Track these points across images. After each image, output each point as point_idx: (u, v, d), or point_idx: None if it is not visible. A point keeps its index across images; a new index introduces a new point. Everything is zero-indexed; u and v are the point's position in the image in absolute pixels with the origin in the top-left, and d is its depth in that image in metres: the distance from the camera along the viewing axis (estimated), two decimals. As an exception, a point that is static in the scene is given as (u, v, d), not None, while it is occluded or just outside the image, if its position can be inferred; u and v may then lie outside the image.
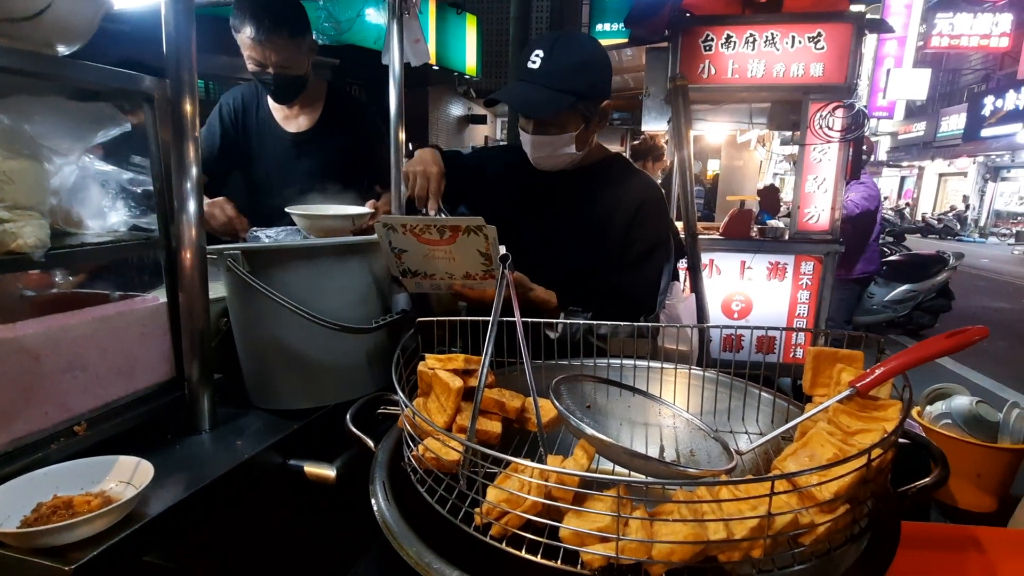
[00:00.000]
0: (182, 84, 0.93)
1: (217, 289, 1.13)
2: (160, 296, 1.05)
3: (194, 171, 0.95)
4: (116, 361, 0.96)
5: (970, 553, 1.10)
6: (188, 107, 0.94)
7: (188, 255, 0.97)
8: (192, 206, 0.96)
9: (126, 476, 0.83)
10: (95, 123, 0.95)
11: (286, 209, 1.44)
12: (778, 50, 3.46)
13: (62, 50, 0.94)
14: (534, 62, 1.29)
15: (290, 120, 2.01)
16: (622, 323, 1.00)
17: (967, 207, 22.78)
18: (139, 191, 1.03)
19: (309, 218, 1.44)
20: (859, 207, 4.14)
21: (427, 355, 0.88)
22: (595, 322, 1.05)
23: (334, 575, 0.96)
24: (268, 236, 1.42)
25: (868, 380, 0.71)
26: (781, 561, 0.58)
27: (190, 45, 0.94)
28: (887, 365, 0.71)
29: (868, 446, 0.57)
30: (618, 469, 0.68)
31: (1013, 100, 14.59)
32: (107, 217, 1.01)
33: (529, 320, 0.92)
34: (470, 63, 10.72)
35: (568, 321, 1.03)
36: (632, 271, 1.45)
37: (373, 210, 1.65)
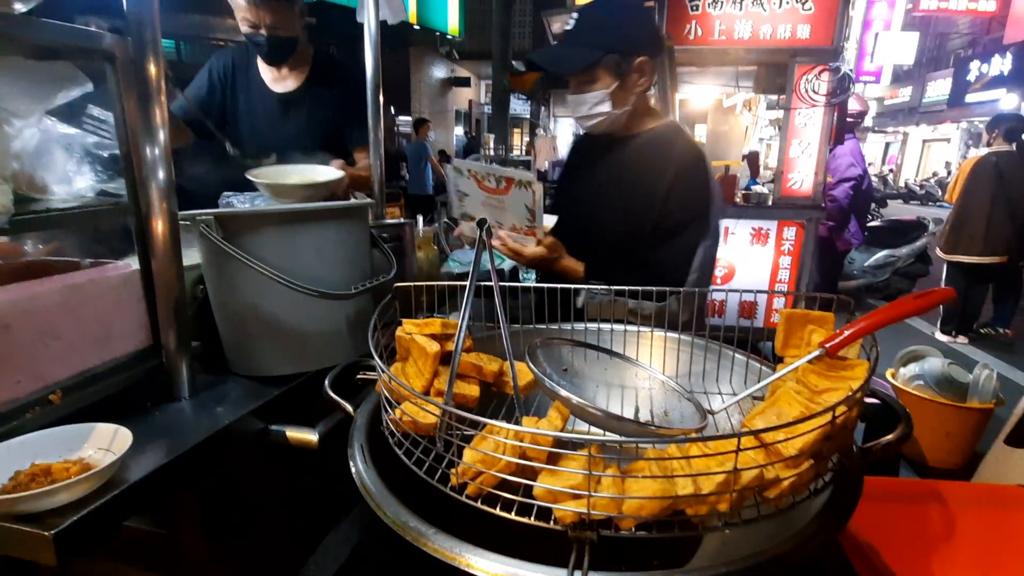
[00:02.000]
0: (145, 43, 0.89)
1: (192, 255, 1.11)
2: (133, 263, 1.03)
3: (161, 134, 0.92)
4: (90, 329, 0.94)
5: (932, 505, 1.15)
6: (152, 67, 0.90)
7: (159, 221, 0.95)
8: (161, 170, 0.94)
9: (105, 443, 0.83)
10: (55, 83, 0.92)
11: (246, 175, 1.42)
12: (765, 11, 3.41)
13: (19, 7, 0.89)
14: (568, 24, 1.35)
15: (278, 81, 2.03)
16: (601, 288, 1.01)
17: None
18: (106, 155, 1.00)
19: (272, 187, 1.40)
20: (845, 183, 4.17)
21: (404, 320, 0.88)
22: (581, 286, 1.05)
23: (318, 536, 0.97)
24: (241, 201, 1.39)
25: (836, 341, 0.72)
26: (747, 514, 0.60)
27: (153, 1, 0.90)
28: (855, 326, 0.73)
29: (832, 404, 0.59)
30: (593, 429, 0.70)
31: (998, 65, 14.58)
32: (73, 182, 0.98)
33: (507, 284, 0.92)
34: (452, 23, 10.38)
35: (553, 287, 1.03)
36: (663, 245, 1.41)
37: (342, 173, 1.65)
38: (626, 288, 1.01)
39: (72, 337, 0.92)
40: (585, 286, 1.14)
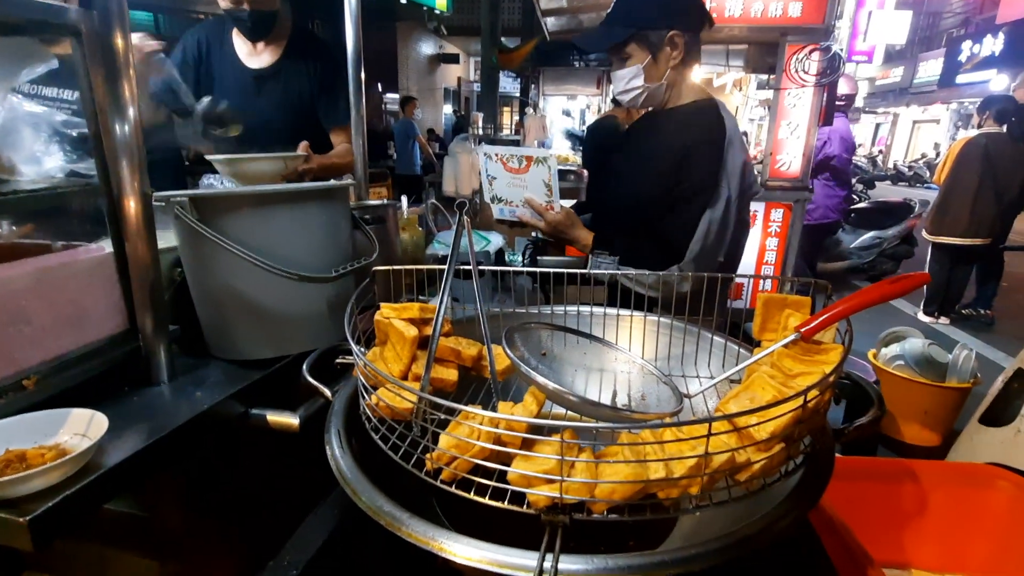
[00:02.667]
0: (111, 15, 0.86)
1: (170, 237, 1.09)
2: (107, 246, 1.01)
3: (131, 111, 0.90)
4: (63, 313, 0.93)
5: (904, 483, 1.18)
6: (119, 41, 0.87)
7: (131, 202, 0.93)
8: (132, 149, 0.91)
9: (81, 428, 0.82)
10: (18, 60, 0.89)
11: (207, 158, 1.40)
12: (757, -12, 3.36)
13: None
14: (610, 7, 1.41)
15: (253, 57, 1.99)
16: (583, 272, 1.01)
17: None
18: (75, 134, 0.97)
19: (231, 163, 1.38)
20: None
21: (383, 304, 0.88)
22: (576, 271, 1.06)
23: (298, 519, 0.98)
24: (221, 182, 1.36)
25: (812, 325, 0.73)
26: (718, 496, 0.61)
27: (117, -28, 0.87)
28: (830, 311, 0.73)
29: (805, 388, 0.59)
30: (569, 413, 0.70)
31: (990, 46, 14.56)
32: (42, 162, 0.95)
33: (486, 268, 0.91)
34: (441, -3, 10.16)
35: (534, 271, 1.04)
36: (669, 213, 1.43)
37: (306, 153, 1.63)
38: (617, 272, 1.02)
39: (45, 321, 0.90)
40: (578, 270, 1.16)
